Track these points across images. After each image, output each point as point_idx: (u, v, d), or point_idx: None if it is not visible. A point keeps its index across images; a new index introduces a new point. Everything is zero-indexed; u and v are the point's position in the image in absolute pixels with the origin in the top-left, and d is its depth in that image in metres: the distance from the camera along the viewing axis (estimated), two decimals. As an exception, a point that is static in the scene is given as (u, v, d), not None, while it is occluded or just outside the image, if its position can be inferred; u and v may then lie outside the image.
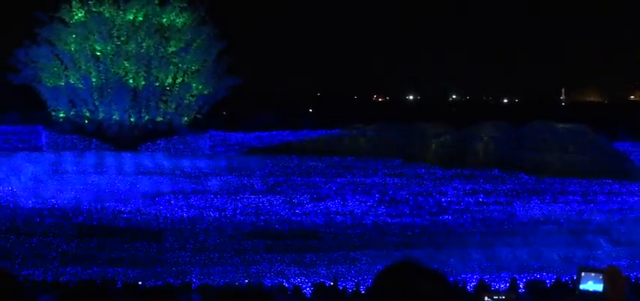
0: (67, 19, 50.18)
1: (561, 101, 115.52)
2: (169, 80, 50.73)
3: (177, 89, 50.87)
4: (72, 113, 50.28)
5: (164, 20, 50.78)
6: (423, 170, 46.06)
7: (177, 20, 51.21)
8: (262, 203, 40.34)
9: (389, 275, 3.56)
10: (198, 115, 52.44)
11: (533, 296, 29.48)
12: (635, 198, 44.08)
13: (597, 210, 42.32)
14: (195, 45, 51.35)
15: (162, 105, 50.63)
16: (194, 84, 51.55)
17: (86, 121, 50.13)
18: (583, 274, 8.44)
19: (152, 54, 49.81)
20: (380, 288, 3.54)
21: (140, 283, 31.34)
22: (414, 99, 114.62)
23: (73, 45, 49.91)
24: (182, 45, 50.82)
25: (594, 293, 8.29)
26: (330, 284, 31.99)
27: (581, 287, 8.45)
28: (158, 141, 49.87)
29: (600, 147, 49.51)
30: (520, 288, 31.30)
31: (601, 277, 8.29)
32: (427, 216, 40.38)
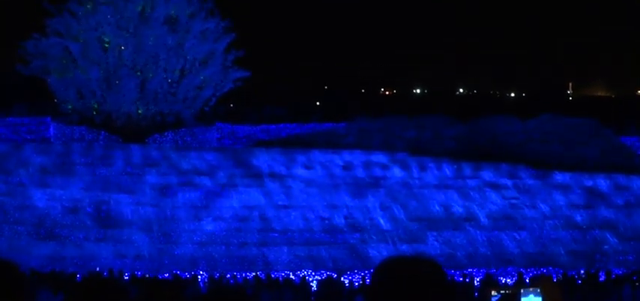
0: (75, 11, 50.31)
1: (568, 95, 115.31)
2: (177, 72, 50.82)
3: (185, 81, 50.95)
4: (80, 104, 50.43)
5: (172, 12, 50.84)
6: (430, 163, 46.01)
7: (186, 12, 51.25)
8: (268, 194, 40.35)
9: (385, 269, 3.62)
10: (205, 108, 52.54)
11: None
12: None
13: (604, 205, 42.28)
14: (203, 37, 51.41)
15: (170, 97, 50.73)
16: (202, 77, 51.62)
17: (94, 113, 50.29)
18: (522, 290, 8.50)
19: (160, 46, 49.89)
20: (377, 282, 3.60)
21: (147, 275, 31.46)
22: (421, 92, 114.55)
23: (81, 37, 50.03)
24: (190, 37, 50.87)
25: None
26: (335, 276, 32.09)
27: None
28: (166, 133, 50.00)
29: (608, 142, 49.46)
30: (526, 282, 31.30)
31: (538, 290, 8.38)
32: (434, 210, 40.41)
